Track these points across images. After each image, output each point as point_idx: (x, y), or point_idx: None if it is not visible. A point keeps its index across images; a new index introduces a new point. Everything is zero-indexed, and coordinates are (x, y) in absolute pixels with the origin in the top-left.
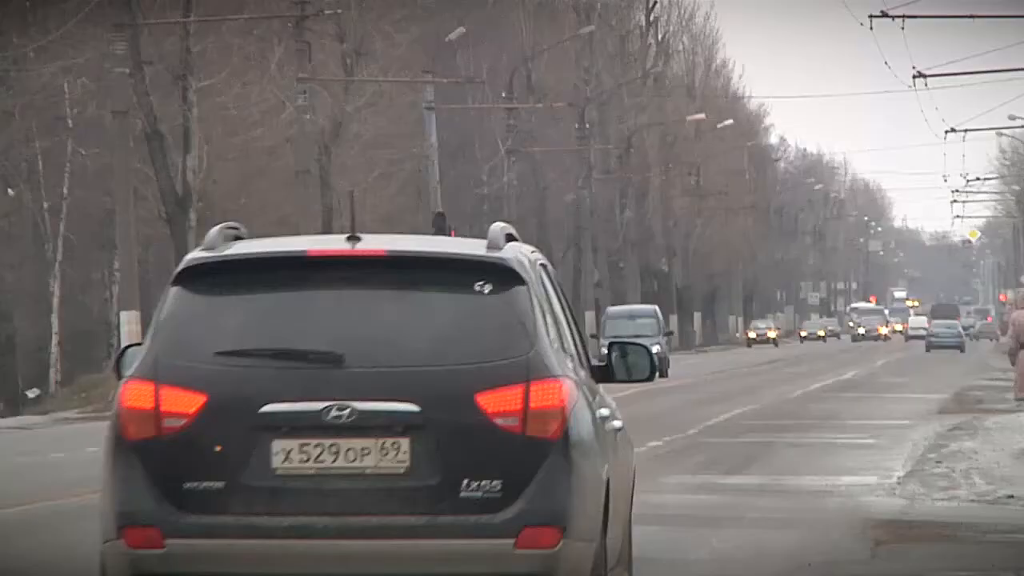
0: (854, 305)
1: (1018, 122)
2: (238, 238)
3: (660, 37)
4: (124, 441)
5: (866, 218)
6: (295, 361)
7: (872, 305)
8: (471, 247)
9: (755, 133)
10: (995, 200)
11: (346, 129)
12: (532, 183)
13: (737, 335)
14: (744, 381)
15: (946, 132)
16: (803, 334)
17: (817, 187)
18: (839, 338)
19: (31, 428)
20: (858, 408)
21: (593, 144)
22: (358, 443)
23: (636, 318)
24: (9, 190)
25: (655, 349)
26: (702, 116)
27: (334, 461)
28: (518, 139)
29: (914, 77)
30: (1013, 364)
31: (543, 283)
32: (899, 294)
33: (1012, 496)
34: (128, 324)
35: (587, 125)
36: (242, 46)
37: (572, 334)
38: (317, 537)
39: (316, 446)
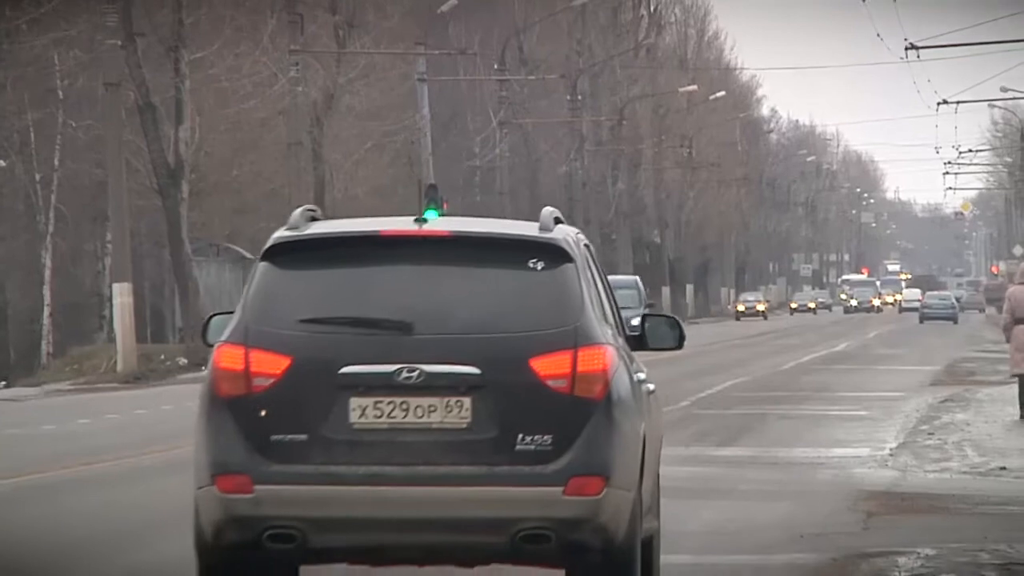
0: (845, 277)
1: (1010, 94)
2: (314, 219)
3: (652, 8)
4: (217, 398)
5: (858, 190)
6: (370, 328)
7: (864, 277)
8: (525, 228)
9: (747, 105)
10: (987, 172)
11: (338, 101)
12: (524, 155)
13: (729, 307)
14: (736, 353)
15: (938, 104)
16: (793, 306)
17: (809, 159)
18: (830, 310)
19: (22, 400)
20: (850, 380)
21: (585, 116)
22: (425, 401)
23: (617, 289)
24: (1, 162)
25: (634, 321)
26: (694, 88)
27: (404, 417)
28: (510, 111)
29: (906, 49)
30: (1008, 340)
31: (587, 261)
32: (892, 267)
33: (1004, 468)
34: (120, 296)
35: (579, 97)
36: (234, 18)
37: (610, 306)
38: (389, 484)
39: (388, 403)
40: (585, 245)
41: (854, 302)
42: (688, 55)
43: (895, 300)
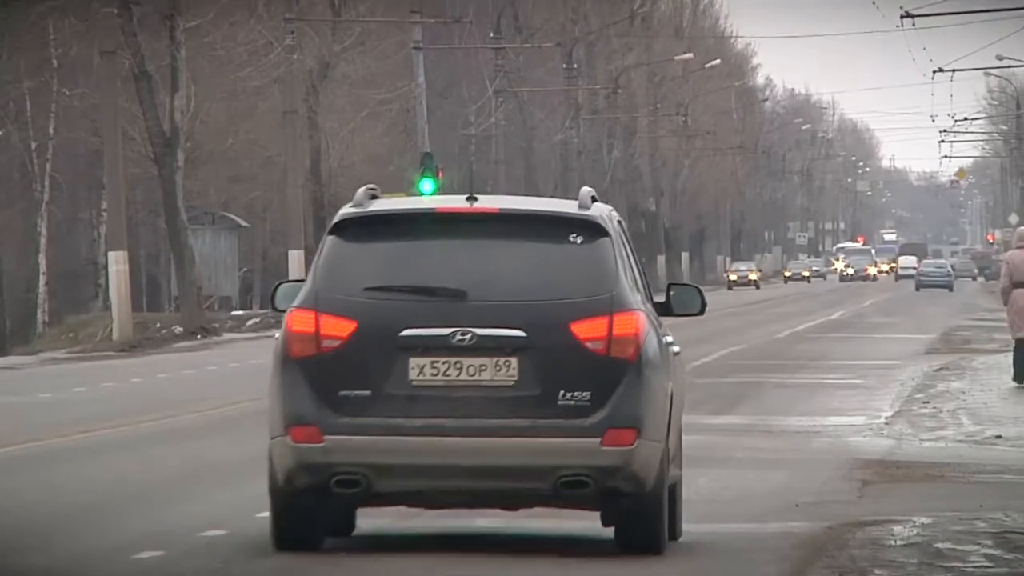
0: (840, 245)
1: (1006, 62)
2: (374, 197)
3: None
4: (290, 359)
5: (854, 158)
6: (427, 296)
7: (859, 245)
8: (565, 206)
9: (743, 73)
10: (983, 140)
11: (334, 69)
12: (520, 123)
13: (725, 275)
14: (731, 321)
15: (934, 72)
16: (787, 274)
17: (805, 127)
18: (824, 278)
19: (19, 368)
20: (846, 348)
21: (581, 84)
22: (477, 361)
23: None
24: None
25: None
26: (690, 56)
27: (458, 375)
28: (506, 79)
29: (902, 17)
30: (1006, 304)
31: (620, 236)
32: (888, 236)
33: (1000, 436)
34: (116, 264)
35: (575, 65)
36: None
37: (640, 275)
38: (444, 435)
39: (444, 363)
40: (618, 221)
41: (851, 270)
42: (683, 23)
43: (891, 268)
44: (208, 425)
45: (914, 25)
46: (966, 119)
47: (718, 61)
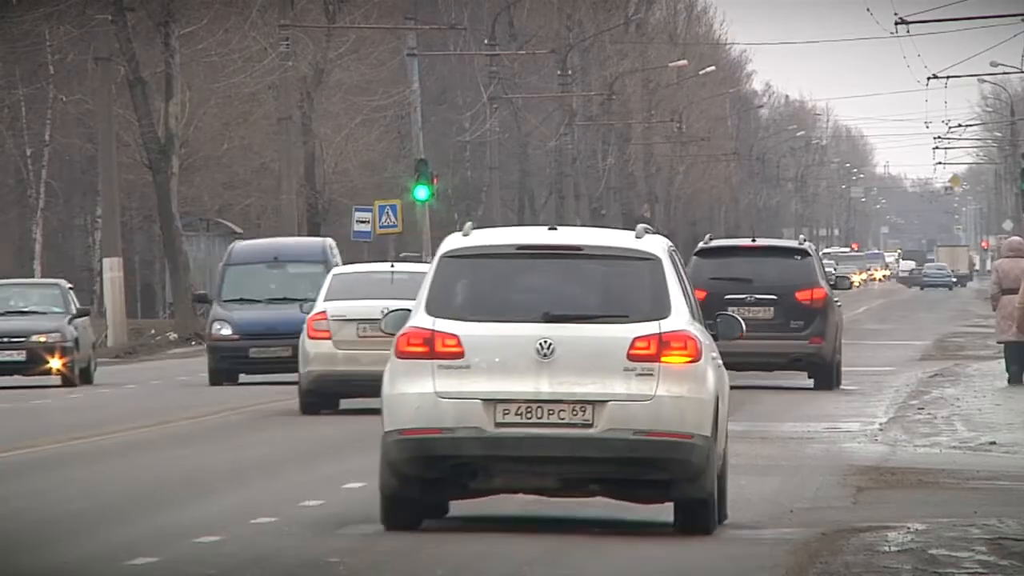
0: (826, 250)
1: (1000, 68)
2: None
3: None
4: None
5: (848, 165)
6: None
7: (848, 251)
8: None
9: (737, 80)
10: (977, 147)
11: (328, 75)
12: (514, 129)
13: None
14: None
15: (928, 79)
16: None
17: (799, 134)
18: None
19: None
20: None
21: (575, 91)
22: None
23: None
24: None
25: None
26: (684, 63)
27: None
28: (500, 86)
29: (896, 23)
30: (994, 309)
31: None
32: (873, 252)
33: (994, 443)
34: (111, 271)
35: (569, 72)
36: None
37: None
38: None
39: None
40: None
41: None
42: (678, 30)
43: (884, 276)
44: (202, 431)
45: (908, 32)
46: (960, 126)
47: (712, 68)
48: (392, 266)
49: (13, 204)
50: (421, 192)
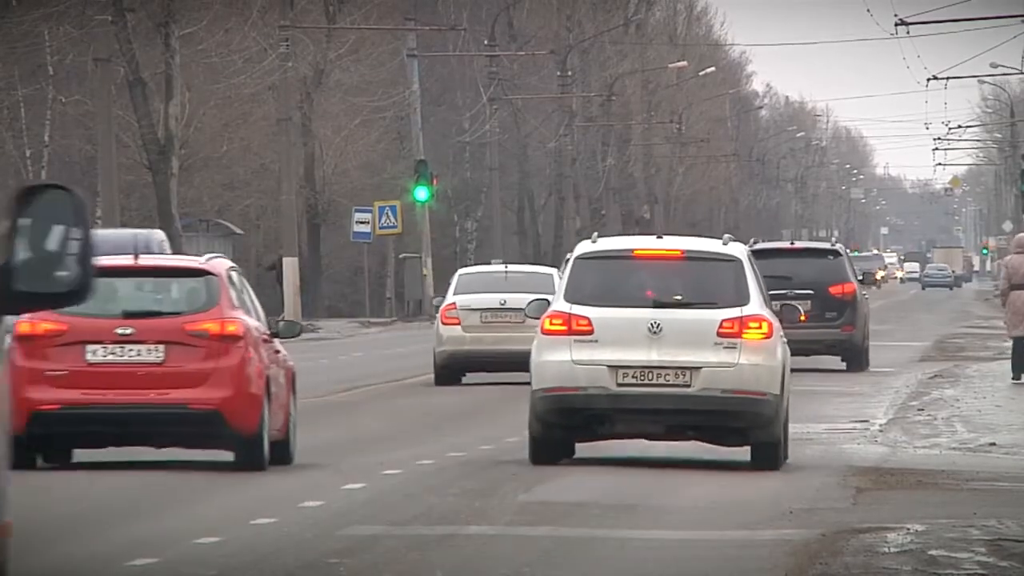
0: None
1: (1000, 70)
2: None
3: None
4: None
5: (848, 166)
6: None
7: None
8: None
9: (737, 81)
10: (977, 148)
11: (328, 76)
12: (514, 130)
13: None
14: None
15: (928, 80)
16: None
17: (799, 135)
18: None
19: None
20: None
21: (575, 91)
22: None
23: None
24: None
25: None
26: (684, 64)
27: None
28: (500, 87)
29: (896, 24)
30: (1004, 305)
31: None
32: (868, 252)
33: (994, 444)
34: None
35: (569, 72)
36: None
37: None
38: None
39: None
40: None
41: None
42: (678, 31)
43: (882, 277)
44: None
45: (908, 33)
46: (960, 127)
47: (712, 69)
48: (506, 267)
49: None
50: (421, 193)
